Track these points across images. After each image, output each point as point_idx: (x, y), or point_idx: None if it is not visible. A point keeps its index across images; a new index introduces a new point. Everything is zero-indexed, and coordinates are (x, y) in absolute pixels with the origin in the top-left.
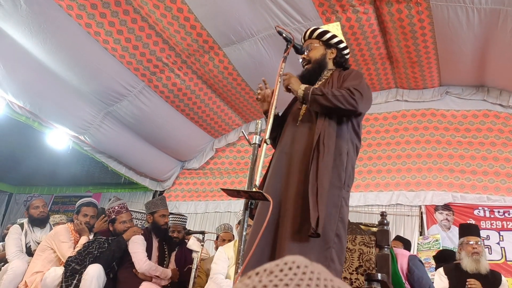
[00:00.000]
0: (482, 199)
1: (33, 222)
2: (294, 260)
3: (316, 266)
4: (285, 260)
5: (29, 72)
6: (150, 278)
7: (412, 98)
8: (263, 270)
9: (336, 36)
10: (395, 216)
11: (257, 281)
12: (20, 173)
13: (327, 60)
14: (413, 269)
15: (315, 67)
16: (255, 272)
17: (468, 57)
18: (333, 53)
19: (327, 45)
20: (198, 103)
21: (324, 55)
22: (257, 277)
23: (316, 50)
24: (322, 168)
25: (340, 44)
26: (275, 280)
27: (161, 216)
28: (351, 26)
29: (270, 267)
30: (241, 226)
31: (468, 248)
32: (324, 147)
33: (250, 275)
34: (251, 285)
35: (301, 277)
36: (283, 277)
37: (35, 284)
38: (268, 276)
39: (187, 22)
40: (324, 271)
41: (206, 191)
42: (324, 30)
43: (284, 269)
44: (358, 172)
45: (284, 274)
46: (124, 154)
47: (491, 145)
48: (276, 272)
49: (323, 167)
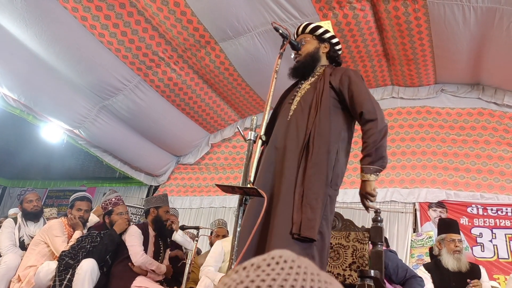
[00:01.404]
0: (475, 196)
1: (26, 216)
2: (281, 254)
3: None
4: (272, 255)
5: (24, 65)
6: (145, 273)
7: (408, 95)
8: (250, 264)
9: (329, 31)
10: (389, 213)
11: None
12: (14, 166)
13: (320, 54)
14: (387, 262)
15: (307, 59)
16: (242, 266)
17: (464, 55)
18: (326, 47)
19: (320, 40)
20: (194, 98)
21: (318, 48)
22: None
23: (309, 44)
24: (310, 168)
25: (333, 39)
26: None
27: (165, 212)
28: (348, 22)
29: (257, 262)
30: (235, 222)
31: (450, 245)
32: (314, 146)
33: (237, 269)
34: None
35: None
36: (270, 272)
37: (29, 278)
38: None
39: (183, 16)
40: (311, 265)
41: (201, 186)
42: (317, 25)
43: (271, 264)
44: (353, 169)
45: (271, 269)
46: (119, 148)
47: (485, 143)
48: (264, 267)
49: (310, 167)
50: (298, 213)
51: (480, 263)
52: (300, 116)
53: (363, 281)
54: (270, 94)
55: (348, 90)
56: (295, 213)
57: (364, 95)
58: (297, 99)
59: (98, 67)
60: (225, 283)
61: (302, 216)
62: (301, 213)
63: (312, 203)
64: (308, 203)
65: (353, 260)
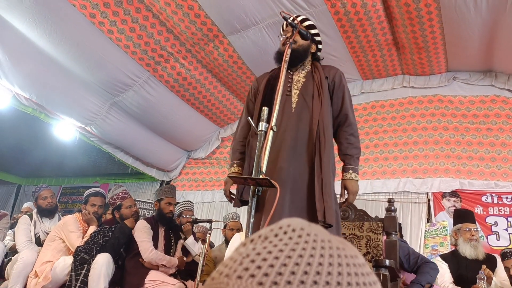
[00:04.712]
0: (490, 185)
1: (41, 212)
2: (289, 223)
3: (313, 228)
4: (280, 225)
5: (34, 64)
6: (157, 267)
7: (419, 84)
8: (257, 236)
9: (319, 35)
10: (402, 203)
11: (251, 249)
12: (28, 165)
13: (309, 52)
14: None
15: (300, 51)
16: (250, 239)
17: (476, 42)
18: (313, 49)
19: (312, 39)
20: (203, 92)
21: (309, 46)
22: (251, 245)
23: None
24: (325, 160)
25: (319, 45)
26: (269, 247)
27: (167, 204)
28: (356, 12)
29: (265, 233)
30: (248, 213)
31: (466, 234)
32: (325, 138)
33: (245, 242)
34: (244, 253)
35: (296, 241)
36: (278, 243)
37: (45, 274)
38: (263, 243)
39: (191, 10)
40: (321, 231)
41: (212, 181)
42: (312, 24)
43: (279, 234)
44: (364, 159)
45: (279, 239)
46: (131, 144)
47: (499, 131)
48: (271, 238)
49: (325, 159)
50: (320, 201)
51: (495, 252)
52: (305, 108)
53: (378, 271)
54: (280, 85)
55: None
56: (318, 201)
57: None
58: (295, 91)
59: (107, 63)
60: (232, 258)
61: (324, 205)
62: (323, 202)
63: (330, 192)
64: (327, 192)
65: (367, 250)
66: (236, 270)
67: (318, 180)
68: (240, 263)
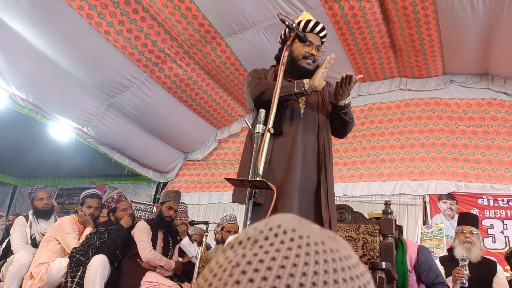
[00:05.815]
0: (486, 188)
1: (37, 213)
2: (279, 223)
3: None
4: (270, 225)
5: (31, 64)
6: (154, 268)
7: (416, 87)
8: (246, 238)
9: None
10: (399, 205)
11: (241, 256)
12: (24, 165)
13: None
14: (422, 259)
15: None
16: (238, 241)
17: (473, 45)
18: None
19: None
20: (200, 93)
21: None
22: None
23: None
24: (329, 170)
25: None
26: (260, 254)
27: (168, 208)
28: (354, 14)
29: (254, 235)
30: (245, 216)
31: (461, 236)
32: (329, 148)
33: (233, 244)
34: (234, 262)
35: (289, 246)
36: (269, 248)
37: (41, 275)
38: (253, 248)
39: (188, 12)
40: (315, 233)
41: (209, 182)
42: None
43: (269, 237)
44: (361, 162)
45: (270, 244)
46: (127, 145)
47: (495, 134)
48: (261, 242)
49: (330, 169)
50: (326, 211)
51: (491, 254)
52: (312, 116)
53: (374, 273)
54: (277, 87)
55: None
56: (324, 211)
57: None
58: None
59: (104, 64)
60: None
61: (330, 214)
62: (329, 211)
63: (334, 202)
64: (332, 201)
65: (363, 253)
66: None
67: (324, 189)
68: (230, 274)
